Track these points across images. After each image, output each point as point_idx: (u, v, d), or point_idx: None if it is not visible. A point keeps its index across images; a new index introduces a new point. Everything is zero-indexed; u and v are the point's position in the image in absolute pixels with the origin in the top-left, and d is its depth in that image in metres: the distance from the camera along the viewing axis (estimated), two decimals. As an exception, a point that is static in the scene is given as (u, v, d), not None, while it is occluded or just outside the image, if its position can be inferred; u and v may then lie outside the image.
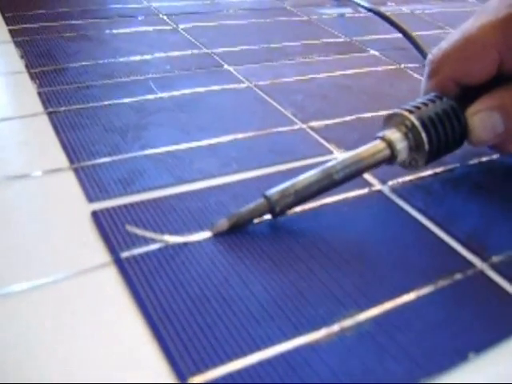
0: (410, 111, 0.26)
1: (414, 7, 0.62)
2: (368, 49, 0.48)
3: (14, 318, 0.20)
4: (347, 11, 0.59)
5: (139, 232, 0.23)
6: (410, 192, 0.28)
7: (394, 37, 0.50)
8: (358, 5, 0.56)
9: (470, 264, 0.24)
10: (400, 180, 0.29)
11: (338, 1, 0.62)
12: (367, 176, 0.29)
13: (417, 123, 0.26)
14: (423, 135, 0.26)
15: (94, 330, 0.19)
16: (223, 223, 0.24)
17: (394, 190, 0.28)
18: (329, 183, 0.25)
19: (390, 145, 0.26)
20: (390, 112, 0.27)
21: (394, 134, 0.26)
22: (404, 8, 0.61)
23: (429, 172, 0.30)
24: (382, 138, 0.26)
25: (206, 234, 0.24)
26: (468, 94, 0.28)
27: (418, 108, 0.27)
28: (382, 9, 0.53)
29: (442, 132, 0.26)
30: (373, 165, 0.26)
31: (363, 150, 0.26)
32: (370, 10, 0.53)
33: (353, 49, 0.48)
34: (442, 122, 0.26)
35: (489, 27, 0.27)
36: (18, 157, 0.29)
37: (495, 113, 0.26)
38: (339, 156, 0.25)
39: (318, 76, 0.41)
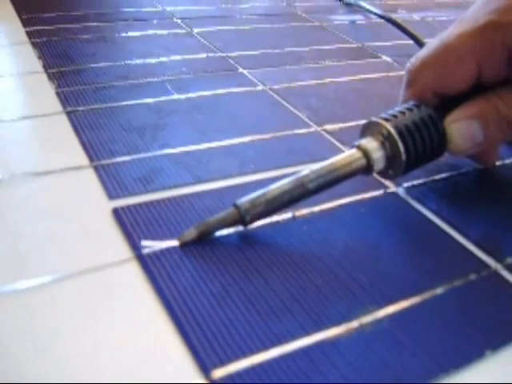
0: (387, 119, 0.26)
1: (424, 14, 0.63)
2: (380, 55, 0.49)
3: (38, 311, 0.20)
4: (358, 18, 0.60)
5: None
6: (425, 194, 0.28)
7: (406, 43, 0.51)
8: (370, 12, 0.56)
9: (485, 265, 0.24)
10: (415, 182, 0.29)
11: (350, 7, 0.63)
12: (381, 178, 0.29)
13: (393, 132, 0.25)
14: (400, 144, 0.25)
15: (117, 324, 0.20)
16: (191, 232, 0.23)
17: (408, 191, 0.28)
18: (302, 193, 0.24)
19: (366, 154, 0.25)
20: (367, 121, 0.27)
21: (371, 143, 0.25)
22: (415, 15, 0.62)
23: (442, 175, 0.30)
24: (358, 147, 0.25)
25: (223, 232, 0.24)
26: (447, 103, 0.27)
27: (395, 116, 0.26)
28: (393, 16, 0.54)
29: (419, 141, 0.26)
30: (348, 174, 0.25)
31: (338, 159, 0.25)
32: (382, 16, 0.54)
33: (365, 54, 0.48)
34: (419, 130, 0.26)
35: (466, 35, 0.26)
36: (39, 154, 0.29)
37: (474, 121, 0.26)
38: (313, 166, 0.25)
39: (331, 80, 0.42)
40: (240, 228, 0.24)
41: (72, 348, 0.19)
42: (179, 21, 0.52)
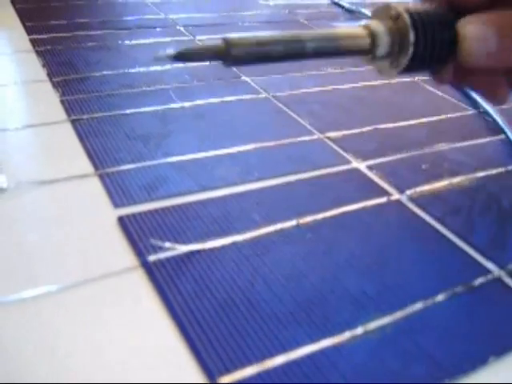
0: (399, 5, 0.24)
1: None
2: (382, 62, 0.49)
3: (44, 320, 0.20)
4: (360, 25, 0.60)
5: (167, 245, 0.24)
6: (428, 201, 0.28)
7: None
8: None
9: (488, 271, 0.24)
10: (418, 190, 0.29)
11: (351, 14, 0.63)
12: (385, 185, 0.29)
13: (405, 16, 0.23)
14: (410, 29, 0.23)
15: (123, 331, 0.20)
16: (170, 52, 0.21)
17: (411, 199, 0.29)
18: (297, 50, 0.22)
19: (372, 35, 0.24)
20: (379, 5, 0.25)
21: (379, 26, 0.24)
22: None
23: (445, 182, 0.30)
24: (365, 26, 0.24)
25: (229, 240, 0.24)
26: (460, 14, 0.25)
27: (408, 5, 0.24)
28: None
29: (430, 33, 0.24)
30: (349, 49, 0.23)
31: (343, 30, 0.23)
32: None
33: (367, 61, 0.48)
34: (431, 22, 0.24)
35: None
36: (44, 163, 0.30)
37: (490, 27, 0.24)
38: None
39: (334, 87, 0.42)
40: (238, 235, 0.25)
41: (78, 355, 0.19)
42: (182, 28, 0.52)
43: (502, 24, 0.24)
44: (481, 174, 0.31)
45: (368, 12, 0.60)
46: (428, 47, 0.24)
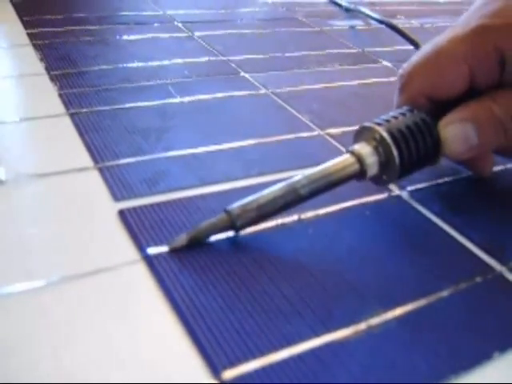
0: (380, 124, 0.25)
1: (423, 21, 0.63)
2: (380, 60, 0.49)
3: (45, 313, 0.20)
4: (358, 23, 0.60)
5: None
6: (429, 198, 0.28)
7: (406, 49, 0.51)
8: (371, 17, 0.57)
9: (490, 267, 0.24)
10: (418, 186, 0.29)
11: (350, 13, 0.63)
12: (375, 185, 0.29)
13: (386, 136, 0.25)
14: (393, 149, 0.25)
15: (125, 325, 0.20)
16: (182, 238, 0.23)
17: (412, 195, 0.29)
18: (294, 198, 0.24)
19: (359, 159, 0.25)
20: (360, 126, 0.26)
21: (364, 149, 0.25)
22: (414, 21, 0.62)
23: (446, 178, 0.30)
24: (351, 153, 0.25)
25: (230, 234, 0.24)
26: (440, 108, 0.27)
27: (388, 121, 0.26)
28: (393, 22, 0.54)
29: (413, 145, 0.25)
30: (341, 180, 0.25)
31: (331, 164, 0.25)
32: (382, 22, 0.54)
33: (365, 60, 0.49)
34: (412, 134, 0.25)
35: (458, 40, 0.26)
36: (43, 156, 0.29)
37: (468, 124, 0.25)
38: (305, 171, 0.25)
39: (333, 85, 0.42)
40: (239, 232, 0.24)
41: (79, 349, 0.19)
42: (180, 24, 0.52)
43: (478, 117, 0.26)
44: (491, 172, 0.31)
45: (366, 10, 0.60)
46: (413, 158, 0.26)
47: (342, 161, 0.25)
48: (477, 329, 0.21)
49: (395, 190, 0.29)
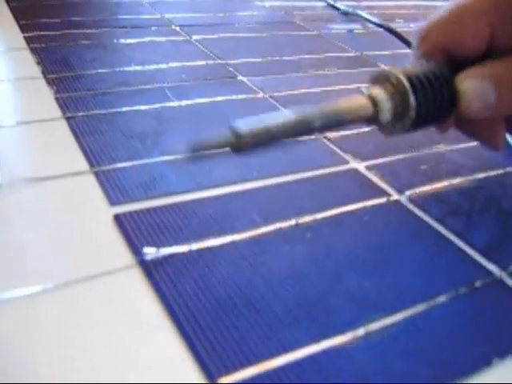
0: (398, 70, 0.24)
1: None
2: (378, 63, 0.49)
3: (40, 318, 0.20)
4: (356, 27, 0.60)
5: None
6: (428, 202, 0.28)
7: (404, 52, 0.51)
8: (369, 21, 0.57)
9: (489, 272, 0.24)
10: (417, 190, 0.29)
11: (347, 16, 0.63)
12: (384, 186, 0.29)
13: (404, 82, 0.24)
14: (410, 95, 0.24)
15: (121, 330, 0.19)
16: (181, 150, 0.21)
17: (411, 199, 0.28)
18: (304, 129, 0.23)
19: (374, 103, 0.24)
20: (378, 71, 0.25)
21: (380, 93, 0.24)
22: (412, 25, 0.62)
23: (445, 183, 0.30)
24: (368, 96, 0.24)
25: (228, 239, 0.24)
26: (458, 68, 0.26)
27: (406, 69, 0.25)
28: (391, 25, 0.54)
29: (430, 94, 0.24)
30: (353, 120, 0.24)
31: (345, 102, 0.24)
32: (380, 25, 0.54)
33: (364, 63, 0.48)
34: (430, 83, 0.24)
35: None
36: (39, 160, 0.29)
37: (487, 80, 0.25)
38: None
39: (331, 88, 0.42)
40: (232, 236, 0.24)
41: (74, 354, 0.18)
42: (178, 28, 0.52)
43: (499, 75, 0.25)
44: (480, 175, 0.31)
45: (364, 14, 0.60)
46: (429, 107, 0.25)
47: (357, 101, 0.24)
48: (476, 335, 0.21)
49: (394, 195, 0.29)
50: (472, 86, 0.25)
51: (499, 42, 0.25)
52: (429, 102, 0.24)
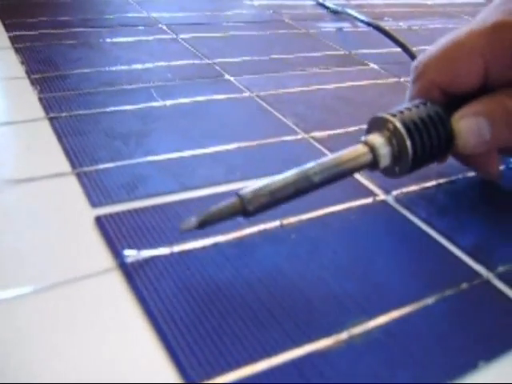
0: (394, 115, 0.25)
1: (411, 23, 0.63)
2: (367, 62, 0.48)
3: (19, 322, 0.19)
4: (345, 25, 0.59)
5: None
6: (414, 202, 0.28)
7: (393, 51, 0.51)
8: (358, 19, 0.56)
9: (476, 274, 0.24)
10: (404, 190, 0.29)
11: (336, 15, 0.62)
12: (371, 186, 0.29)
13: (400, 127, 0.25)
14: (407, 140, 0.25)
15: (100, 334, 0.19)
16: (191, 221, 0.22)
17: (398, 200, 0.28)
18: (307, 185, 0.23)
19: (372, 149, 0.25)
20: (373, 116, 0.26)
21: (377, 139, 0.25)
22: (401, 23, 0.62)
23: (432, 183, 0.30)
24: (365, 143, 0.25)
25: (211, 240, 0.24)
26: (454, 103, 0.27)
27: (402, 113, 0.25)
28: (380, 24, 0.54)
29: (426, 137, 0.25)
30: (354, 169, 0.25)
31: (344, 153, 0.24)
32: (369, 24, 0.53)
33: (352, 62, 0.48)
34: (426, 126, 0.25)
35: (476, 34, 0.26)
36: (20, 161, 0.29)
37: (482, 118, 0.25)
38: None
39: (319, 87, 0.41)
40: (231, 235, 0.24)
41: (53, 358, 0.18)
42: (165, 27, 0.52)
43: (492, 111, 0.26)
44: (468, 175, 0.31)
45: (353, 13, 0.60)
46: (426, 150, 0.25)
47: (355, 150, 0.25)
48: (462, 337, 0.20)
49: (380, 195, 0.28)
50: (467, 124, 0.26)
51: (493, 77, 0.26)
52: (425, 144, 0.25)
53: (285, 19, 0.59)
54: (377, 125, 0.26)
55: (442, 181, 0.30)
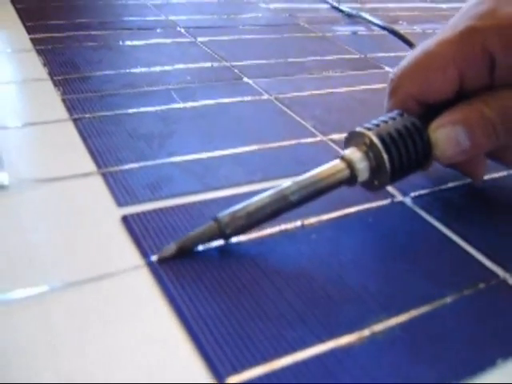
0: (369, 129, 0.25)
1: (425, 26, 0.63)
2: (382, 65, 0.49)
3: (49, 318, 0.20)
4: (360, 29, 0.60)
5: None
6: (431, 204, 0.28)
7: (408, 54, 0.51)
8: (373, 23, 0.57)
9: (493, 274, 0.24)
10: (421, 192, 0.29)
11: (351, 18, 0.63)
12: (388, 188, 0.29)
13: (376, 141, 0.25)
14: (383, 153, 0.25)
15: (129, 331, 0.20)
16: (171, 247, 0.23)
17: (415, 201, 0.29)
18: (284, 205, 0.24)
19: (349, 165, 0.25)
20: (350, 131, 0.26)
21: (354, 154, 0.25)
22: (416, 27, 0.62)
23: (448, 185, 0.30)
24: (342, 158, 0.25)
25: (233, 239, 0.24)
26: (431, 112, 0.26)
27: (378, 126, 0.25)
28: (394, 27, 0.54)
29: (403, 149, 0.25)
30: (331, 185, 0.25)
31: (321, 170, 0.25)
32: (384, 27, 0.54)
33: (368, 65, 0.49)
34: (402, 138, 0.25)
35: (446, 42, 0.26)
36: (46, 161, 0.29)
37: (458, 127, 0.25)
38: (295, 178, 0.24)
39: (335, 90, 0.42)
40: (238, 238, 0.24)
41: (83, 355, 0.19)
42: (183, 30, 0.52)
43: (469, 119, 0.25)
44: (484, 177, 0.31)
45: (367, 16, 0.60)
46: (404, 162, 0.25)
47: (332, 167, 0.25)
48: (480, 335, 0.21)
49: (398, 196, 0.29)
50: (444, 134, 0.26)
51: (468, 83, 0.26)
52: (403, 156, 0.25)
53: (300, 23, 0.59)
54: (354, 140, 0.26)
55: (458, 183, 0.30)
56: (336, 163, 0.25)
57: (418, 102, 0.27)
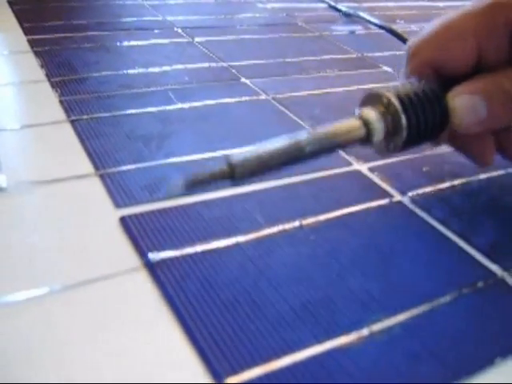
0: (388, 90, 0.25)
1: (423, 25, 0.63)
2: (380, 65, 0.49)
3: (47, 320, 0.20)
4: (357, 28, 0.60)
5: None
6: (430, 203, 0.28)
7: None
8: (370, 22, 0.57)
9: (492, 273, 0.24)
10: (419, 191, 0.29)
11: (349, 18, 0.63)
12: (387, 187, 0.29)
13: (395, 101, 0.24)
14: (401, 114, 0.24)
15: (127, 332, 0.20)
16: (178, 184, 0.22)
17: (413, 201, 0.29)
18: (297, 155, 0.23)
19: (366, 124, 0.24)
20: (368, 91, 0.26)
21: (371, 113, 0.24)
22: (413, 26, 0.62)
23: (447, 184, 0.30)
24: (358, 117, 0.25)
25: (233, 240, 0.24)
26: (448, 83, 0.26)
27: (397, 88, 0.25)
28: (392, 26, 0.54)
29: (421, 113, 0.25)
30: (346, 143, 0.24)
31: (337, 126, 0.24)
32: (381, 26, 0.54)
33: (365, 65, 0.49)
34: (421, 102, 0.25)
35: (469, 15, 0.26)
36: (44, 162, 0.29)
37: (478, 96, 0.25)
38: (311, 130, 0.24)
39: (333, 90, 0.42)
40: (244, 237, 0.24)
41: (81, 356, 0.19)
42: (180, 30, 0.52)
43: (488, 90, 0.25)
44: (482, 176, 0.31)
45: (365, 15, 0.60)
46: (421, 126, 0.25)
47: (348, 124, 0.24)
48: (479, 334, 0.21)
49: (396, 196, 0.29)
50: (463, 102, 0.25)
51: (487, 57, 0.26)
52: (420, 120, 0.25)
53: (298, 22, 0.59)
54: (371, 100, 0.25)
55: (456, 182, 0.30)
56: (353, 121, 0.24)
57: (435, 72, 0.27)
